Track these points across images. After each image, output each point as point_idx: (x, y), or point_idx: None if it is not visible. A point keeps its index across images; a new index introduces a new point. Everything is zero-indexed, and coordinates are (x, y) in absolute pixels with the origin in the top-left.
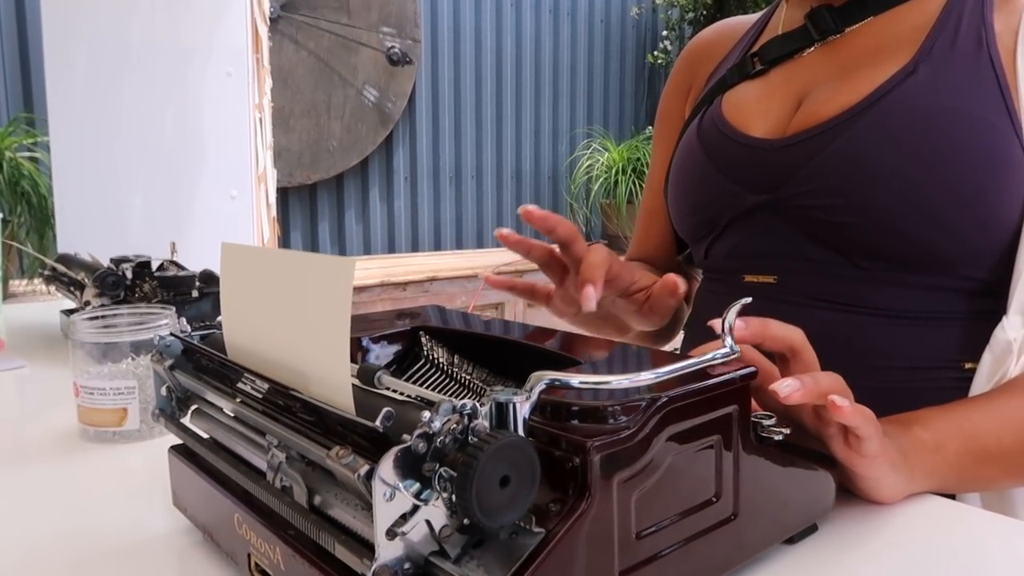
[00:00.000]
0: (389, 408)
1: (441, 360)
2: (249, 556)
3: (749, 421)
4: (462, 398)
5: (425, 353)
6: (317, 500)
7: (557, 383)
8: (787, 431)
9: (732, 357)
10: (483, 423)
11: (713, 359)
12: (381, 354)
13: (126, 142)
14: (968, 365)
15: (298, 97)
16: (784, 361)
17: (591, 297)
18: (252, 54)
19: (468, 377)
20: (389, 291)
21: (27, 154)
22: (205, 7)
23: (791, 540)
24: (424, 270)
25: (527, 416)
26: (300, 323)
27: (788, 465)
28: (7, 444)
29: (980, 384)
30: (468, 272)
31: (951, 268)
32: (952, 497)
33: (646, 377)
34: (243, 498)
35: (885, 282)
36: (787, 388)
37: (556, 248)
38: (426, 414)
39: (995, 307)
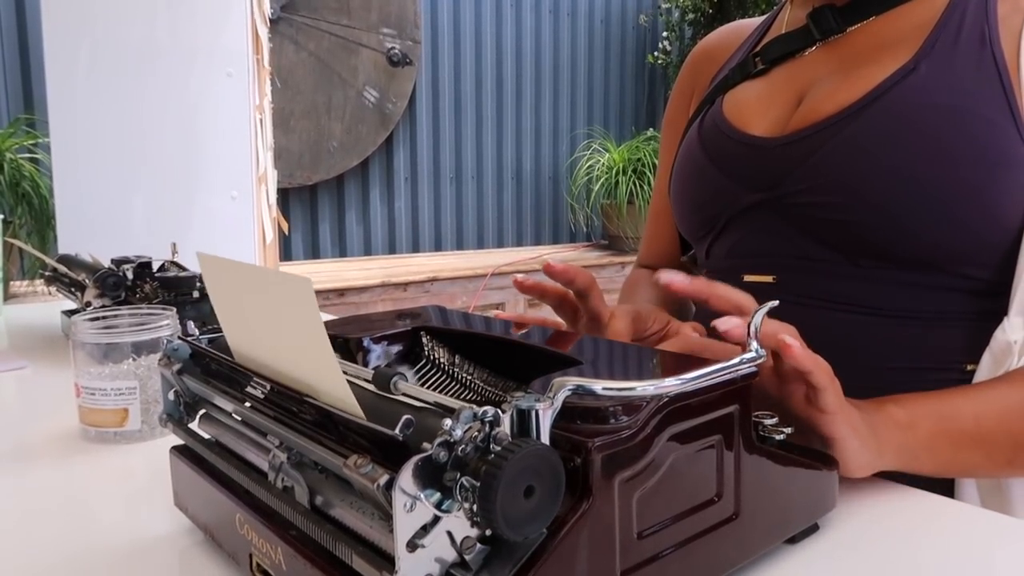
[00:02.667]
0: (409, 416)
1: (442, 360)
2: (251, 556)
3: (750, 421)
4: (462, 398)
5: (426, 353)
6: (319, 500)
7: (581, 389)
8: (788, 431)
9: (759, 361)
10: (504, 431)
11: (740, 363)
12: (382, 354)
13: (127, 143)
14: (970, 366)
15: (298, 98)
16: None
17: None
18: (252, 55)
19: (469, 377)
20: (390, 291)
21: (28, 155)
22: (205, 9)
23: (792, 540)
24: (425, 270)
25: (551, 424)
26: (286, 339)
27: (789, 465)
28: (8, 445)
29: None
30: (469, 272)
31: (952, 267)
32: (950, 494)
33: (671, 383)
34: (244, 498)
35: (885, 281)
36: (728, 323)
37: (570, 293)
38: (447, 422)
39: (996, 307)
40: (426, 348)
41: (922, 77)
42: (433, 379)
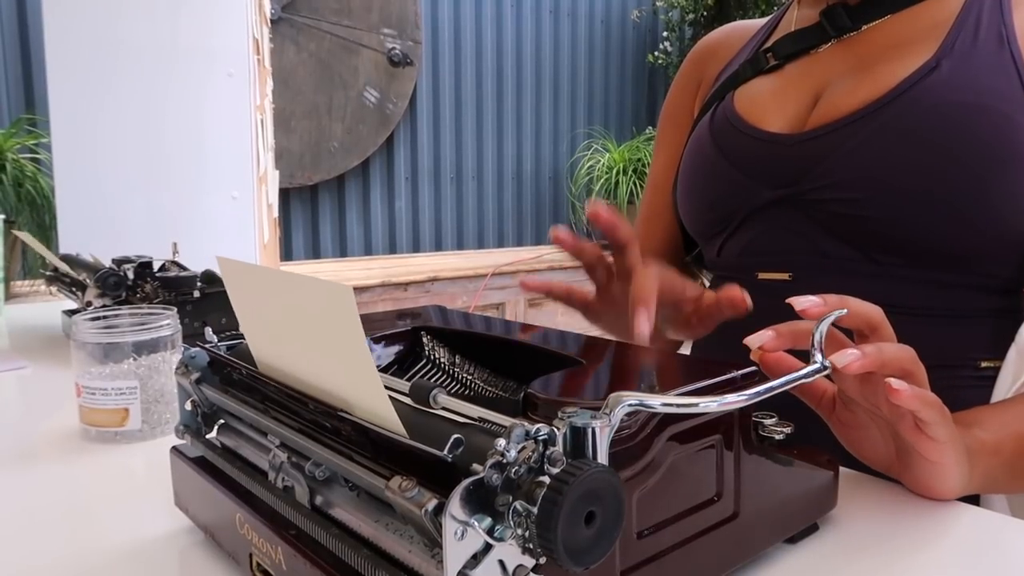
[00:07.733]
0: (458, 435)
1: (442, 360)
2: (251, 556)
3: (750, 421)
4: (462, 397)
5: (426, 353)
6: (319, 500)
7: (639, 405)
8: (788, 430)
9: (824, 373)
10: (559, 450)
11: (807, 375)
12: (383, 354)
13: (128, 143)
14: (985, 363)
15: (299, 98)
16: (863, 338)
17: (643, 325)
18: (253, 55)
19: (469, 377)
20: (390, 291)
21: (29, 155)
22: (206, 9)
23: (792, 539)
24: (425, 270)
25: (608, 443)
26: (322, 350)
27: (789, 465)
28: (9, 444)
29: (1005, 382)
30: (469, 272)
31: (970, 264)
32: (976, 501)
33: (734, 398)
34: (245, 498)
35: (902, 279)
36: (847, 357)
37: (607, 254)
38: (500, 441)
39: (1013, 305)
40: (426, 348)
41: (944, 75)
42: (433, 379)
